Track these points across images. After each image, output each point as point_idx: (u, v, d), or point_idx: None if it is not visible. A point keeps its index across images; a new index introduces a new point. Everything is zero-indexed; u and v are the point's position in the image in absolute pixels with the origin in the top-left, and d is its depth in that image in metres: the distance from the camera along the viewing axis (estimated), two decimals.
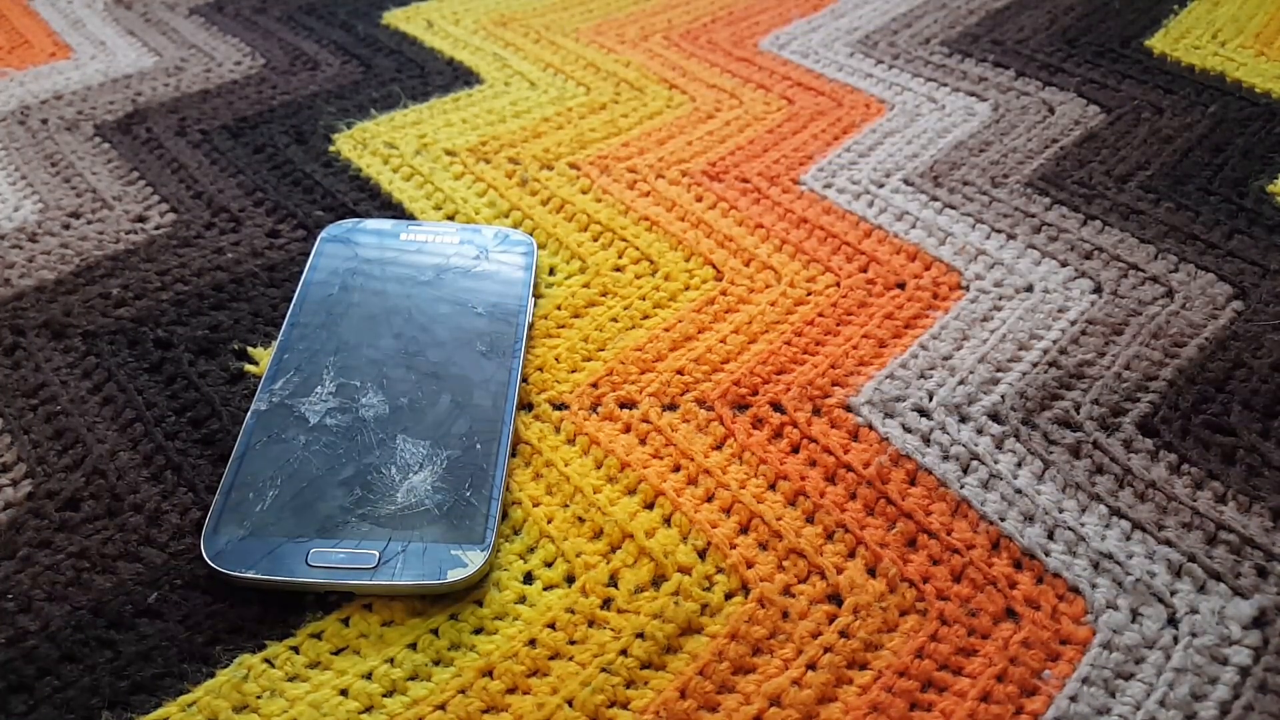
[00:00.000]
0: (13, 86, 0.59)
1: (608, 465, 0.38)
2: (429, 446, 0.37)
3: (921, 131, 0.56)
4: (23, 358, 0.42)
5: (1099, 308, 0.44)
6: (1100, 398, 0.40)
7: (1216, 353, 0.42)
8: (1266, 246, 0.47)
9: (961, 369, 0.42)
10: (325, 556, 0.34)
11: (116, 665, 0.32)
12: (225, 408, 0.40)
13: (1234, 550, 0.35)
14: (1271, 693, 0.31)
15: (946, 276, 0.46)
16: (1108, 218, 0.49)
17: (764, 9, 0.69)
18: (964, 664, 0.32)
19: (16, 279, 0.45)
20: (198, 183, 0.52)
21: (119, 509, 0.36)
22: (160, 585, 0.34)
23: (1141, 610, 0.33)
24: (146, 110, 0.57)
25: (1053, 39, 0.65)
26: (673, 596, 0.34)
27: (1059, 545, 0.35)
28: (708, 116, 0.58)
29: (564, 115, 0.57)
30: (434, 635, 0.33)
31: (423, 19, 0.68)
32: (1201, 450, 0.38)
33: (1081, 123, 0.57)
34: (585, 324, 0.44)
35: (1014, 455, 0.38)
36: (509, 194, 0.51)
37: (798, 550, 0.35)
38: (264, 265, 0.47)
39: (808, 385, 0.41)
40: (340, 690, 0.32)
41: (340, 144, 0.55)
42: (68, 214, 0.49)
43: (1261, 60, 0.62)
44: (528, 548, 0.36)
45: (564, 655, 0.32)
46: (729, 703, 0.31)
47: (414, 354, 0.41)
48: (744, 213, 0.50)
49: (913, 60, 0.63)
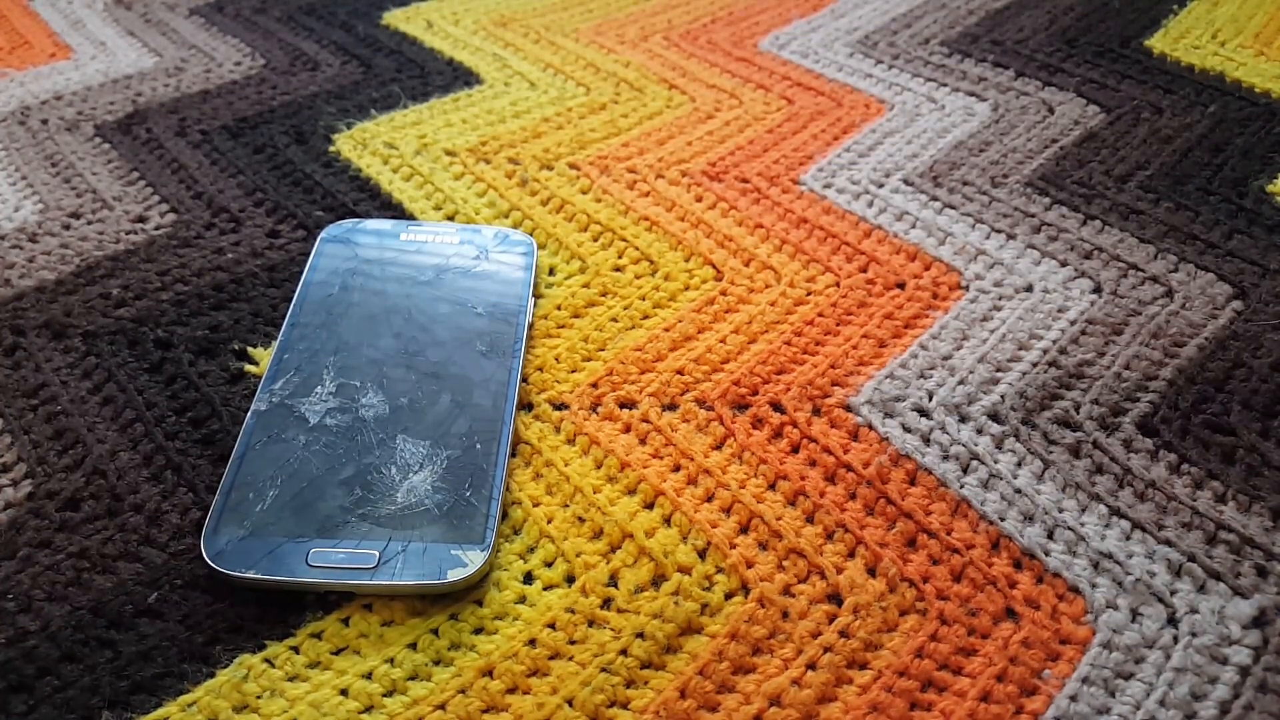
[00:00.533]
0: (13, 87, 0.59)
1: (608, 465, 0.38)
2: (429, 446, 0.37)
3: (921, 131, 0.56)
4: (23, 358, 0.42)
5: (1099, 308, 0.44)
6: (1100, 398, 0.40)
7: (1216, 353, 0.42)
8: (1266, 246, 0.47)
9: (961, 369, 0.42)
10: (325, 556, 0.34)
11: (116, 665, 0.32)
12: (225, 408, 0.40)
13: (1234, 550, 0.35)
14: (1271, 693, 0.31)
15: (946, 276, 0.46)
16: (1108, 218, 0.49)
17: (764, 9, 0.69)
18: (964, 664, 0.32)
19: (16, 279, 0.45)
20: (198, 183, 0.52)
21: (119, 509, 0.36)
22: (160, 585, 0.34)
23: (1141, 610, 0.33)
24: (147, 110, 0.57)
25: (1053, 39, 0.65)
26: (673, 596, 0.34)
27: (1059, 545, 0.35)
28: (707, 117, 0.58)
29: (564, 115, 0.57)
30: (434, 635, 0.33)
31: (423, 19, 0.68)
32: (1201, 450, 0.38)
33: (1081, 123, 0.57)
34: (585, 324, 0.44)
35: (1014, 455, 0.38)
36: (509, 194, 0.51)
37: (798, 550, 0.35)
38: (264, 265, 0.47)
39: (808, 385, 0.41)
40: (340, 690, 0.32)
41: (340, 144, 0.55)
42: (68, 214, 0.49)
43: (1261, 60, 0.61)
44: (528, 548, 0.36)
45: (564, 655, 0.32)
46: (729, 703, 0.31)
47: (414, 354, 0.41)
48: (744, 213, 0.50)
49: (912, 60, 0.63)
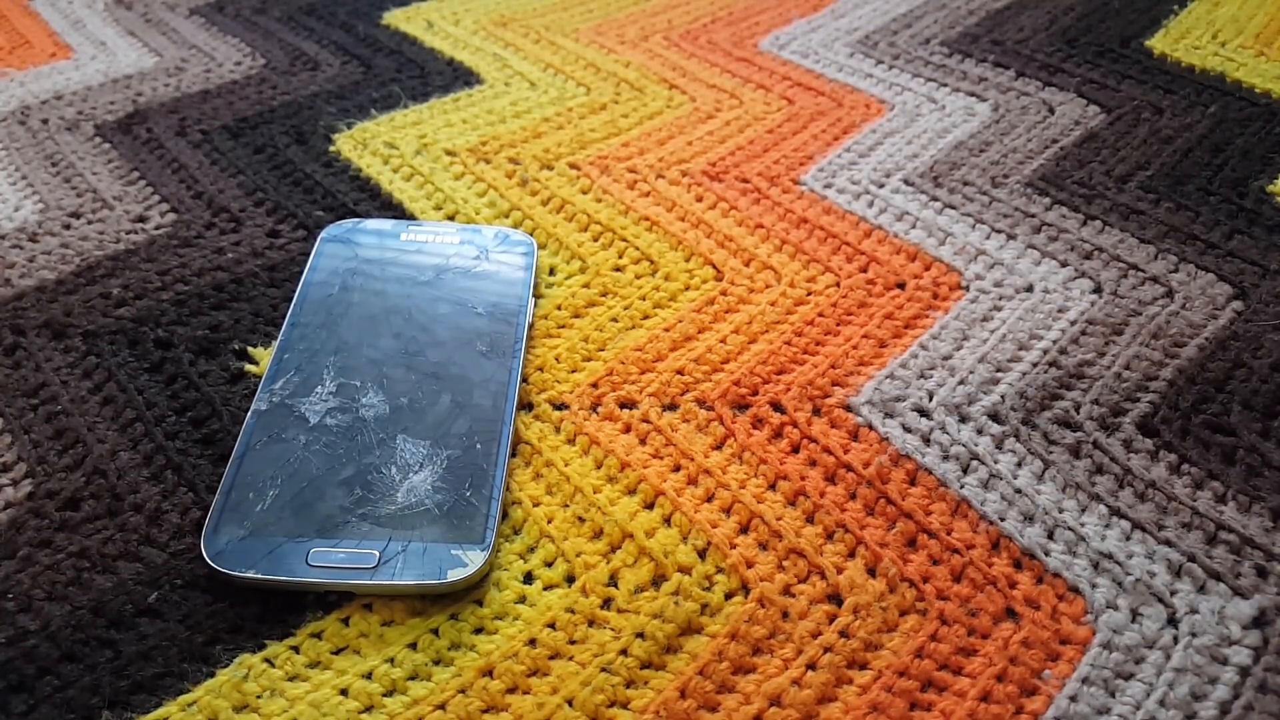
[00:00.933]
0: (13, 86, 0.59)
1: (608, 465, 0.38)
2: (429, 446, 0.37)
3: (921, 132, 0.56)
4: (23, 358, 0.42)
5: (1099, 308, 0.44)
6: (1100, 398, 0.40)
7: (1216, 353, 0.42)
8: (1266, 246, 0.47)
9: (961, 369, 0.42)
10: (325, 556, 0.34)
11: (116, 665, 0.32)
12: (225, 408, 0.40)
13: (1234, 550, 0.35)
14: (1271, 693, 0.31)
15: (946, 276, 0.46)
16: (1108, 218, 0.49)
17: (764, 9, 0.69)
18: (964, 664, 0.32)
19: (17, 279, 0.45)
20: (198, 183, 0.52)
21: (119, 509, 0.36)
22: (160, 585, 0.34)
23: (1141, 610, 0.33)
24: (147, 110, 0.57)
25: (1053, 39, 0.65)
26: (673, 596, 0.34)
27: (1059, 545, 0.35)
28: (708, 117, 0.58)
29: (564, 115, 0.57)
30: (434, 635, 0.33)
31: (423, 19, 0.68)
32: (1201, 450, 0.38)
33: (1081, 123, 0.57)
34: (585, 324, 0.44)
35: (1014, 455, 0.38)
36: (509, 194, 0.51)
37: (798, 550, 0.35)
38: (264, 265, 0.47)
39: (808, 385, 0.41)
40: (340, 690, 0.32)
41: (340, 144, 0.55)
42: (68, 214, 0.49)
43: (1261, 60, 0.62)
44: (528, 547, 0.36)
45: (564, 655, 0.32)
46: (729, 703, 0.31)
47: (414, 354, 0.41)
48: (744, 213, 0.50)
49: (913, 60, 0.63)
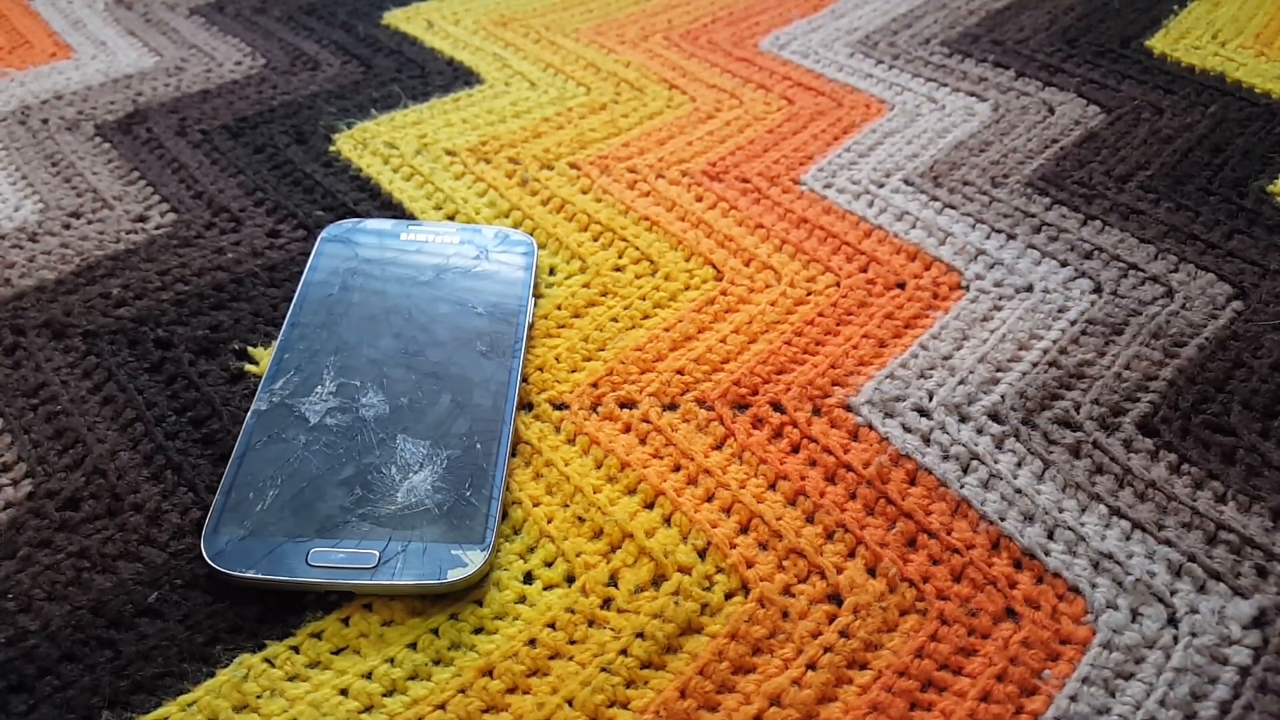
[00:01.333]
0: (13, 86, 0.59)
1: (608, 465, 0.38)
2: (429, 446, 0.37)
3: (921, 131, 0.56)
4: (23, 358, 0.42)
5: (1099, 308, 0.44)
6: (1100, 398, 0.40)
7: (1216, 353, 0.42)
8: (1266, 246, 0.47)
9: (961, 369, 0.42)
10: (325, 556, 0.34)
11: (116, 665, 0.32)
12: (225, 408, 0.40)
13: (1234, 550, 0.35)
14: (1271, 693, 0.31)
15: (946, 276, 0.46)
16: (1108, 218, 0.49)
17: (764, 9, 0.69)
18: (964, 664, 0.32)
19: (17, 279, 0.45)
20: (198, 183, 0.52)
21: (119, 509, 0.36)
22: (160, 585, 0.34)
23: (1141, 610, 0.33)
24: (147, 110, 0.57)
25: (1053, 39, 0.65)
26: (673, 596, 0.34)
27: (1059, 545, 0.35)
28: (708, 117, 0.58)
29: (564, 115, 0.57)
30: (434, 635, 0.33)
31: (423, 19, 0.68)
32: (1201, 450, 0.38)
33: (1081, 123, 0.57)
34: (585, 324, 0.44)
35: (1014, 455, 0.38)
36: (509, 194, 0.51)
37: (798, 550, 0.35)
38: (264, 265, 0.47)
39: (808, 385, 0.41)
40: (340, 690, 0.32)
41: (340, 144, 0.55)
42: (68, 214, 0.49)
43: (1261, 60, 0.61)
44: (528, 547, 0.36)
45: (564, 655, 0.32)
46: (729, 702, 0.31)
47: (414, 354, 0.41)
48: (744, 213, 0.50)
49: (913, 60, 0.63)
